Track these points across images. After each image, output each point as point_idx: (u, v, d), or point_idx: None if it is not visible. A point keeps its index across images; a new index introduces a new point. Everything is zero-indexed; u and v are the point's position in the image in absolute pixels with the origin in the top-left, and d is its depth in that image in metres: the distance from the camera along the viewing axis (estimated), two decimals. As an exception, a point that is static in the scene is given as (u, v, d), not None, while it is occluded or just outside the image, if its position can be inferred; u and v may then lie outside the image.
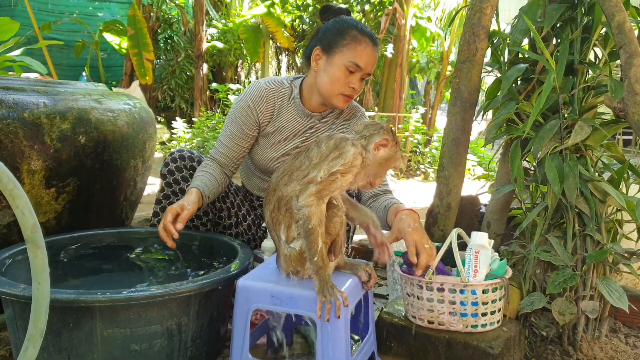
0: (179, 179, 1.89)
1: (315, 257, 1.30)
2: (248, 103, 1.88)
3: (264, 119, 1.91)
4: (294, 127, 1.93)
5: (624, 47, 1.57)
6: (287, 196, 1.33)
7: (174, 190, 1.89)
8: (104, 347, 1.29)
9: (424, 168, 7.23)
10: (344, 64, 1.76)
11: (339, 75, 1.77)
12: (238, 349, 1.38)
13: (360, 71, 1.77)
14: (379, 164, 1.40)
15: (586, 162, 1.75)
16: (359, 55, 1.76)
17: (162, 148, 7.51)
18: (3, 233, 1.74)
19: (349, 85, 1.78)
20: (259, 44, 8.80)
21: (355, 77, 1.78)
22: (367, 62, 1.77)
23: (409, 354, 1.60)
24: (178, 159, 1.90)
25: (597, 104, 1.81)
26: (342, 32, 1.78)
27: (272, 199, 1.36)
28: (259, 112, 1.89)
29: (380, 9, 7.62)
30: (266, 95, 1.89)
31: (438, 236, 2.10)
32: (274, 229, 1.38)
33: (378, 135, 1.38)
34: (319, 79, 1.82)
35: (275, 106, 1.91)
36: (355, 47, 1.76)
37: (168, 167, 1.90)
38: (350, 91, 1.80)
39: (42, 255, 0.98)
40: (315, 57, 1.83)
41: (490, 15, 2.03)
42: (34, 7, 7.87)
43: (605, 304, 1.76)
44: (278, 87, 1.92)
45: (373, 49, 1.79)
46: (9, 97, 1.71)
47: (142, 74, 8.32)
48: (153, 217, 1.92)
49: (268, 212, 1.38)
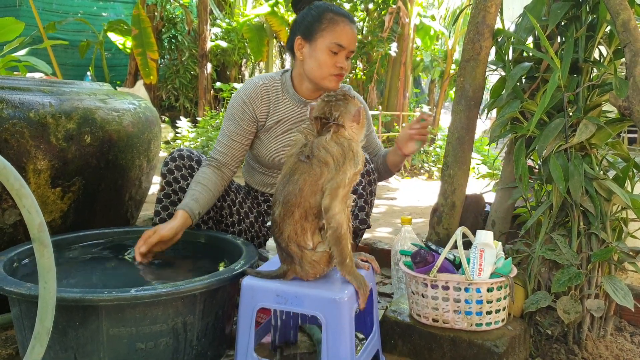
0: (178, 177, 1.91)
1: (347, 259, 1.33)
2: (244, 99, 1.94)
3: (261, 114, 1.96)
4: (294, 117, 1.99)
5: (629, 45, 1.57)
6: (315, 206, 1.32)
7: (174, 189, 1.91)
8: (110, 346, 1.30)
9: (428, 167, 7.23)
10: (327, 47, 1.84)
11: (325, 58, 1.85)
12: (243, 347, 1.39)
13: (344, 50, 1.86)
14: (361, 130, 1.42)
15: (591, 161, 1.75)
16: (339, 36, 1.84)
17: (167, 147, 7.53)
18: (9, 232, 1.75)
19: (337, 65, 1.86)
20: (262, 43, 8.80)
21: (341, 57, 1.87)
22: (349, 40, 1.86)
23: (413, 353, 1.60)
24: (177, 158, 1.93)
25: (602, 102, 1.81)
26: (318, 17, 1.86)
27: (295, 211, 1.33)
28: (255, 107, 1.95)
29: (384, 7, 7.62)
30: (260, 91, 1.95)
31: (443, 235, 2.10)
32: (296, 240, 1.34)
33: (346, 109, 1.38)
34: (306, 67, 1.90)
35: (270, 100, 1.97)
36: (334, 28, 1.84)
37: (167, 166, 1.92)
38: (338, 70, 1.87)
39: (48, 254, 0.98)
40: (298, 47, 1.91)
41: (495, 13, 2.03)
42: (38, 7, 7.89)
43: (611, 302, 1.76)
44: (271, 82, 1.98)
45: (351, 27, 1.88)
46: (15, 97, 1.72)
47: (147, 74, 8.34)
48: (154, 215, 1.94)
49: (290, 225, 1.34)
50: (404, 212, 4.31)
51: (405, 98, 7.88)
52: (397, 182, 6.27)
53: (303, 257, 1.35)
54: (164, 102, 9.50)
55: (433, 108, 9.11)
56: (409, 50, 7.76)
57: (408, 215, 2.13)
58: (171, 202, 1.91)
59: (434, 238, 2.12)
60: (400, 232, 2.07)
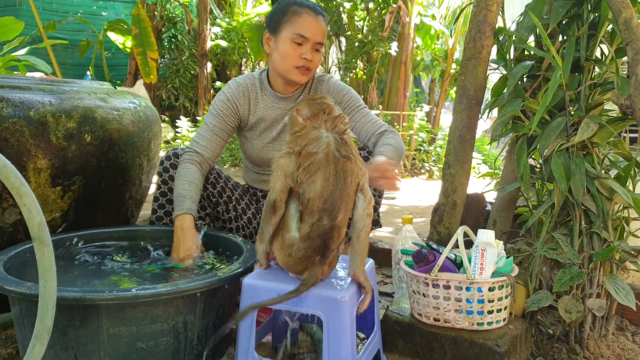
0: (174, 175, 1.92)
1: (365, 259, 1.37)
2: (227, 96, 1.99)
3: (243, 112, 2.01)
4: (274, 113, 2.01)
5: (631, 44, 1.56)
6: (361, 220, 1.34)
7: (170, 187, 1.92)
8: (110, 345, 1.29)
9: (429, 166, 7.22)
10: (289, 38, 1.85)
11: (288, 50, 1.86)
12: (244, 347, 1.38)
13: (308, 41, 1.85)
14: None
15: (592, 160, 1.74)
16: (300, 26, 1.85)
17: (167, 147, 7.52)
18: (9, 231, 1.74)
19: (301, 57, 1.86)
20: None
21: (306, 48, 1.86)
22: (311, 31, 1.86)
23: (414, 352, 1.60)
24: (172, 157, 1.95)
25: (603, 101, 1.80)
26: (283, 10, 1.89)
27: (349, 213, 1.34)
28: (238, 104, 1.99)
29: (384, 7, 7.61)
30: (242, 89, 2.00)
31: (444, 234, 2.09)
32: (340, 241, 1.35)
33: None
34: (273, 60, 1.93)
35: (250, 98, 2.01)
36: (296, 19, 1.86)
37: (163, 165, 1.95)
38: (303, 62, 1.87)
39: (49, 253, 0.98)
40: (266, 41, 1.95)
41: (496, 12, 2.02)
42: (38, 6, 7.87)
43: (612, 301, 1.76)
44: (251, 80, 2.03)
45: (315, 18, 1.87)
46: (14, 95, 1.71)
47: (147, 73, 8.33)
48: (151, 214, 1.95)
49: (345, 228, 1.35)
50: (405, 211, 4.31)
51: (405, 97, 7.87)
52: (397, 182, 6.27)
53: (335, 257, 1.37)
54: (164, 101, 9.50)
55: (434, 107, 9.09)
56: (409, 49, 7.75)
57: (409, 215, 2.13)
58: (168, 200, 1.93)
59: (435, 237, 2.12)
60: (401, 232, 2.07)
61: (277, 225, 1.35)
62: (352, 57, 7.91)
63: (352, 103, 1.98)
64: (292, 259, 1.33)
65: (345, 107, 1.97)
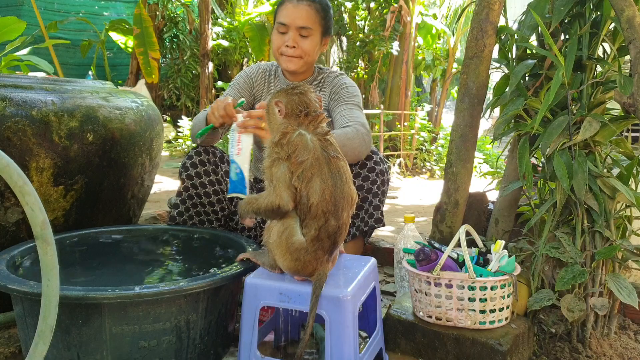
0: (201, 172, 1.92)
1: None
2: (247, 73, 2.13)
3: (258, 90, 2.11)
4: None
5: (634, 42, 1.56)
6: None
7: (194, 184, 1.92)
8: (113, 344, 1.29)
9: (430, 166, 7.21)
10: (275, 28, 1.98)
11: (275, 39, 1.98)
12: (246, 345, 1.38)
13: (289, 28, 1.93)
14: None
15: (595, 158, 1.74)
16: (280, 14, 1.96)
17: (168, 146, 7.52)
18: (12, 231, 1.74)
19: (285, 44, 1.95)
20: (264, 42, 8.78)
21: (288, 36, 1.94)
22: (289, 17, 1.93)
23: (416, 351, 1.60)
24: (202, 153, 1.95)
25: (606, 99, 1.80)
26: (279, 4, 2.01)
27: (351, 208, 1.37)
28: (255, 82, 2.11)
29: (385, 6, 7.60)
30: (262, 70, 2.13)
31: (446, 233, 2.09)
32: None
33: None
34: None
35: (266, 81, 2.12)
36: (280, 9, 1.98)
37: (192, 159, 1.94)
38: (285, 49, 1.95)
39: (51, 252, 0.98)
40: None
41: (498, 11, 2.02)
42: (40, 6, 7.88)
43: (615, 300, 1.75)
44: (268, 66, 2.16)
45: (296, 5, 1.95)
46: (17, 95, 1.71)
47: (148, 73, 8.33)
48: (173, 208, 1.95)
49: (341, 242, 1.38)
50: (407, 210, 4.30)
51: (407, 97, 7.86)
52: (399, 181, 6.26)
53: (337, 251, 1.40)
54: (165, 101, 9.50)
55: (435, 107, 9.09)
56: (410, 49, 7.74)
57: (411, 214, 2.12)
58: (190, 196, 1.92)
59: (437, 236, 2.11)
60: (403, 231, 2.07)
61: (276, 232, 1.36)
62: (353, 57, 7.90)
63: (341, 96, 2.00)
64: (300, 262, 1.32)
65: (334, 100, 2.01)
